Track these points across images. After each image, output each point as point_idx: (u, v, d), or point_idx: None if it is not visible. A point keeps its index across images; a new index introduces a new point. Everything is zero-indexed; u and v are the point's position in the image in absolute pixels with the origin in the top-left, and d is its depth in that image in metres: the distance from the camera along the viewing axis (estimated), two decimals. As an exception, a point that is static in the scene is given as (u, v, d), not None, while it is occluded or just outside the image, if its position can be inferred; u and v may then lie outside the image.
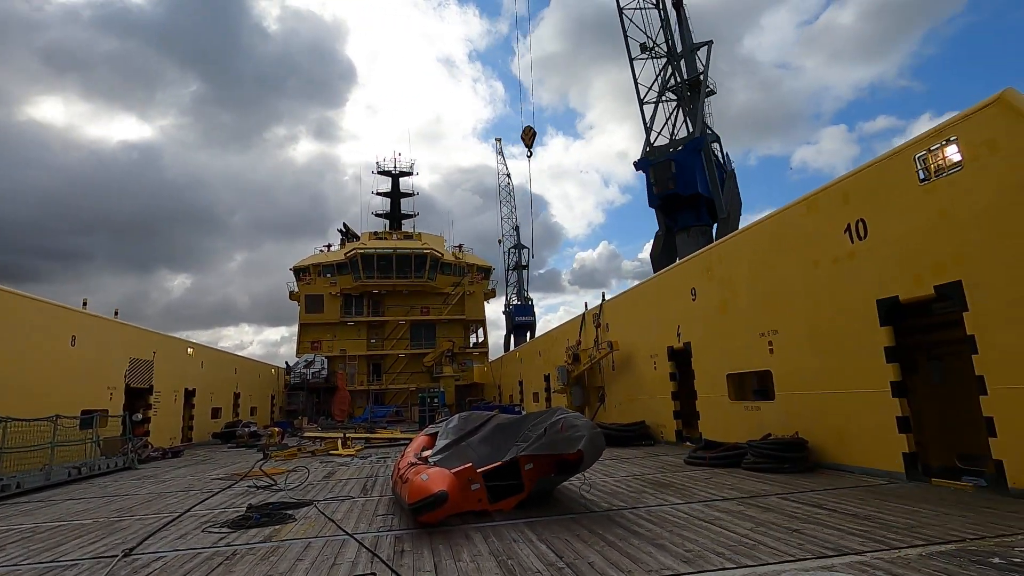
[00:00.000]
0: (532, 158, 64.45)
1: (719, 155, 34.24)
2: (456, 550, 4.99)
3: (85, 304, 16.89)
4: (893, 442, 7.47)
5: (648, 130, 35.17)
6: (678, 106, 35.29)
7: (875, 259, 7.78)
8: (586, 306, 20.09)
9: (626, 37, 35.45)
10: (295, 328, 43.79)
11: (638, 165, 35.12)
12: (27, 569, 5.05)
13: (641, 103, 35.51)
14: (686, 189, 31.96)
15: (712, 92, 35.54)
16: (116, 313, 18.50)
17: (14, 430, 10.78)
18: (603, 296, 18.61)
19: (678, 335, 13.45)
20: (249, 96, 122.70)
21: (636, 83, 35.63)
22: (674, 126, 35.20)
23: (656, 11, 35.35)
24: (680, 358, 13.69)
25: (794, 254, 9.49)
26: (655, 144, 34.89)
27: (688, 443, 12.84)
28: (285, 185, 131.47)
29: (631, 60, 35.44)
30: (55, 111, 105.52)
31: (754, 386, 11.07)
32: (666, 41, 35.07)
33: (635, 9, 35.50)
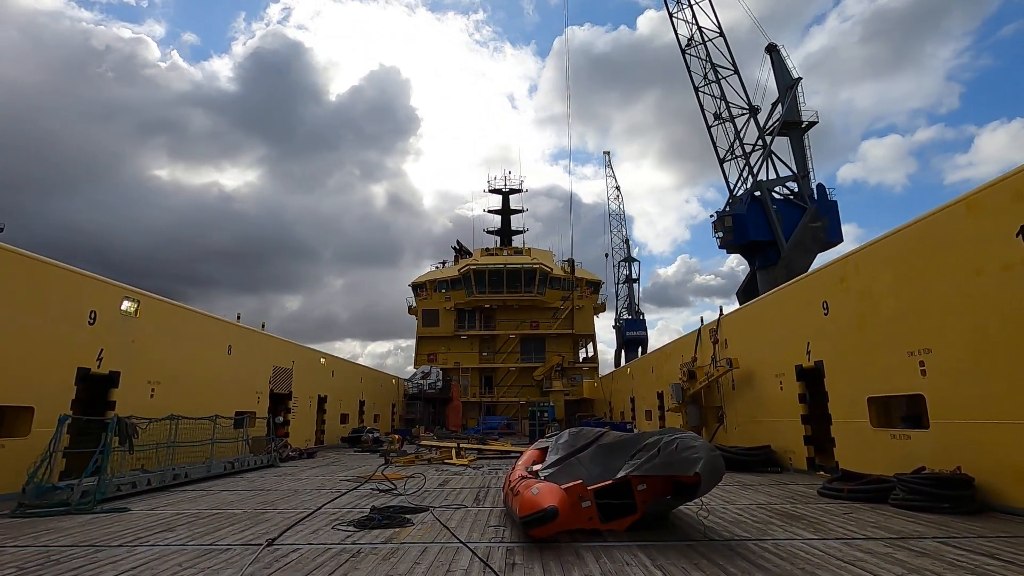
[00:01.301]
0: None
1: (794, 193, 37.04)
2: (567, 568, 4.93)
3: (239, 318, 19.19)
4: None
5: (730, 188, 38.73)
6: (765, 151, 37.77)
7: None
8: (702, 320, 19.15)
9: (702, 109, 38.94)
10: (399, 342, 46.74)
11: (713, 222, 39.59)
12: (192, 549, 5.78)
13: (721, 162, 38.57)
14: (740, 239, 36.50)
15: (814, 123, 38.34)
16: (263, 326, 20.79)
17: (183, 427, 12.47)
18: (720, 310, 17.64)
19: (808, 353, 12.32)
20: (326, 149, 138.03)
21: (715, 147, 38.76)
22: (766, 170, 38.02)
23: (737, 75, 38.40)
24: (810, 378, 12.51)
25: (950, 261, 8.32)
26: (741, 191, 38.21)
27: (822, 472, 11.65)
28: (370, 216, 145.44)
29: (708, 127, 38.86)
30: (158, 166, 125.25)
31: (902, 412, 9.81)
32: (746, 95, 38.32)
33: (710, 83, 38.74)
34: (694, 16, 38.30)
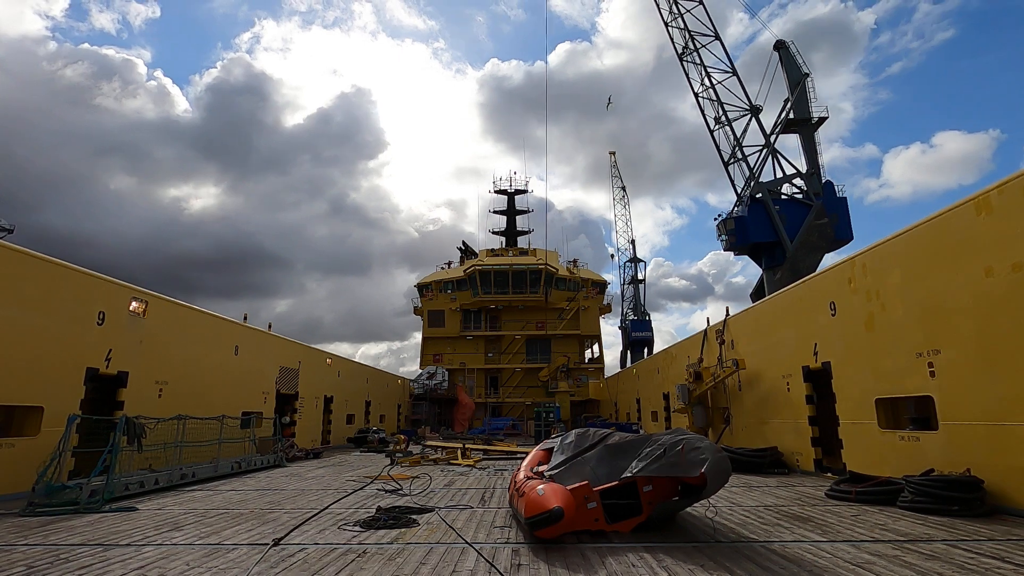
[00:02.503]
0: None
1: (803, 191, 36.92)
2: (573, 569, 4.92)
3: (245, 318, 19.29)
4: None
5: (736, 191, 38.37)
6: (766, 150, 37.73)
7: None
8: (708, 322, 19.07)
9: (703, 113, 39.09)
10: (392, 344, 46.92)
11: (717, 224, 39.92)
12: (199, 548, 5.81)
13: (725, 165, 38.45)
14: (742, 241, 36.90)
15: (824, 118, 37.99)
16: (270, 327, 20.88)
17: (190, 427, 12.53)
18: (727, 311, 17.55)
19: (815, 354, 12.25)
20: (287, 169, 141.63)
21: (719, 150, 38.60)
22: (772, 169, 38.16)
23: (735, 77, 38.52)
24: (818, 379, 12.44)
25: (959, 262, 8.26)
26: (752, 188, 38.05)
27: (829, 474, 11.58)
28: (339, 230, 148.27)
29: (711, 131, 38.87)
30: (124, 184, 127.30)
31: (911, 413, 9.73)
32: (746, 95, 38.34)
33: (707, 88, 38.76)
34: (685, 24, 38.50)
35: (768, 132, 37.73)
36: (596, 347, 47.61)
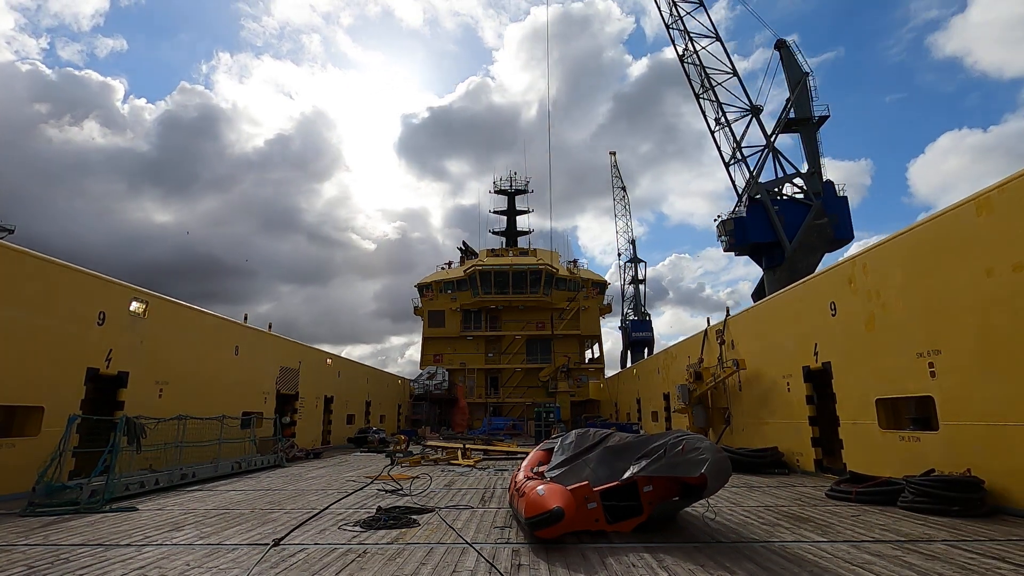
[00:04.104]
0: None
1: (803, 191, 37.01)
2: (573, 569, 4.92)
3: (246, 319, 19.29)
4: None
5: (737, 191, 38.62)
6: (766, 150, 37.98)
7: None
8: (708, 322, 19.07)
9: (704, 115, 39.34)
10: (375, 346, 47.03)
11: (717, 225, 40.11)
12: (200, 548, 5.81)
13: (726, 166, 38.67)
14: (741, 241, 37.14)
15: (826, 117, 38.15)
16: (270, 327, 20.88)
17: (190, 427, 12.53)
18: (727, 311, 17.55)
19: (815, 354, 12.25)
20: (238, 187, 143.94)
21: (719, 151, 38.97)
22: (773, 169, 38.41)
23: (736, 78, 38.79)
24: (818, 379, 12.43)
25: (960, 262, 8.25)
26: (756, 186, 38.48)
27: (829, 474, 11.58)
28: (306, 241, 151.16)
29: (712, 132, 39.18)
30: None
31: (911, 413, 9.72)
32: (747, 96, 38.71)
33: (707, 89, 39.10)
34: (685, 28, 38.62)
35: (767, 132, 37.79)
36: (596, 347, 47.65)
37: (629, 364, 53.64)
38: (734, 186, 38.54)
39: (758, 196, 36.54)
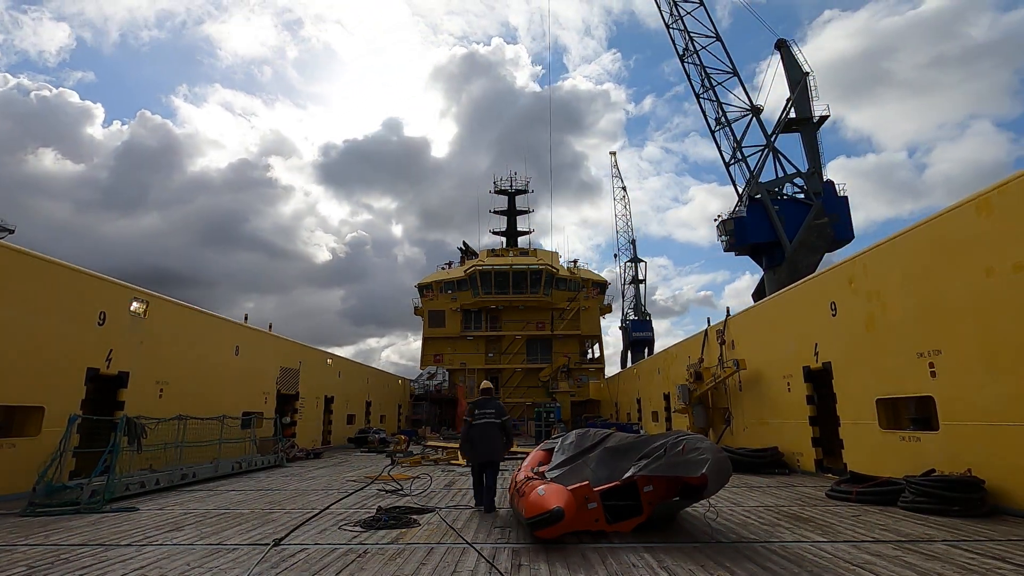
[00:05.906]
0: None
1: (803, 190, 37.14)
2: (573, 569, 4.92)
3: (246, 318, 19.30)
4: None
5: (737, 191, 38.84)
6: (765, 150, 38.11)
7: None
8: (708, 321, 19.07)
9: (704, 115, 39.49)
10: (358, 346, 46.95)
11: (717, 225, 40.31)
12: (200, 548, 5.81)
13: (727, 166, 38.86)
14: (741, 241, 37.35)
15: (826, 117, 38.22)
16: (270, 327, 20.89)
17: (191, 427, 12.54)
18: (727, 311, 17.55)
19: (815, 354, 12.24)
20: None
21: (720, 151, 39.23)
22: (774, 169, 38.53)
23: (736, 77, 38.93)
24: (818, 379, 12.43)
25: (960, 262, 8.25)
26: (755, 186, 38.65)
27: (830, 474, 11.57)
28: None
29: (712, 132, 39.34)
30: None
31: (911, 414, 9.72)
32: (747, 96, 38.91)
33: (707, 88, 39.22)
34: (685, 27, 38.68)
35: (767, 132, 37.80)
36: (597, 347, 47.63)
37: (629, 364, 53.63)
38: (734, 186, 38.67)
39: (758, 196, 36.53)
